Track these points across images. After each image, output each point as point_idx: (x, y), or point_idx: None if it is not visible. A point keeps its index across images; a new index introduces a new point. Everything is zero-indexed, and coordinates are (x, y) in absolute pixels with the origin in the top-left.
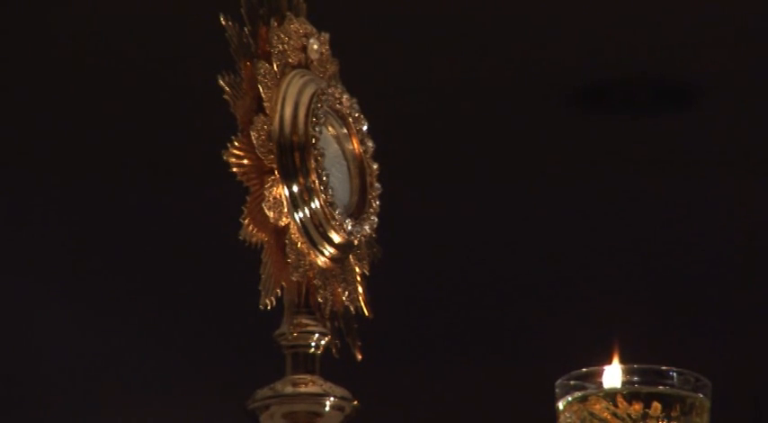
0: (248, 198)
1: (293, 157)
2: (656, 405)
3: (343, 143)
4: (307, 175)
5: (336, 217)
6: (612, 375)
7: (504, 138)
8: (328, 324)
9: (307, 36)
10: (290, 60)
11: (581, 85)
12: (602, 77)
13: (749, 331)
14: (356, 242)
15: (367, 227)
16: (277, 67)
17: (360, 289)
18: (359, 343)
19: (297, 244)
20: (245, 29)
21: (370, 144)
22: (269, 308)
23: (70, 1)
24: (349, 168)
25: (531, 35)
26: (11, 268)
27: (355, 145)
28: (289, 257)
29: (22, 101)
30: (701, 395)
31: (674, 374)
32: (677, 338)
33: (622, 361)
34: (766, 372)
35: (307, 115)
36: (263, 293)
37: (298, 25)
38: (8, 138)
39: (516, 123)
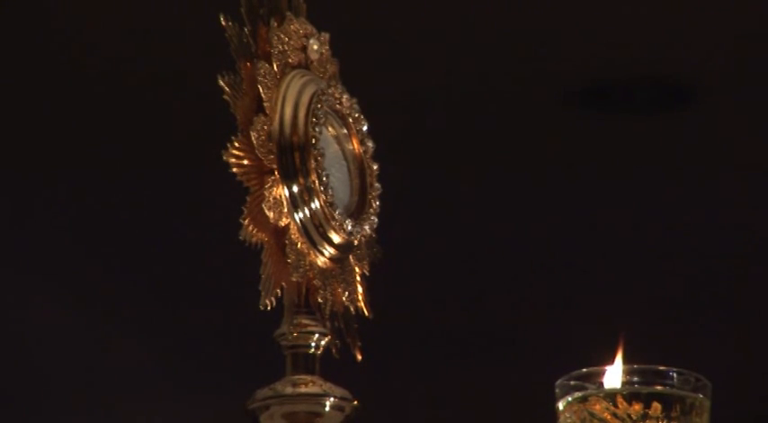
0: (248, 198)
1: (293, 157)
2: (656, 405)
3: (344, 143)
4: (307, 175)
5: (336, 217)
6: (613, 375)
7: (503, 137)
8: (328, 324)
9: (307, 36)
10: (290, 60)
11: (581, 85)
12: (602, 77)
13: (749, 331)
14: (356, 242)
15: (367, 227)
16: (277, 67)
17: (360, 289)
18: (359, 343)
19: (297, 244)
20: (245, 29)
21: (370, 144)
22: (269, 308)
23: (71, 1)
24: (349, 169)
25: (531, 35)
26: (10, 267)
27: (355, 145)
28: (289, 258)
29: (23, 101)
30: (701, 395)
31: (674, 375)
32: (677, 338)
33: (625, 361)
34: (766, 372)
35: (307, 115)
36: (263, 294)
37: (298, 25)
38: (8, 137)
39: (516, 123)
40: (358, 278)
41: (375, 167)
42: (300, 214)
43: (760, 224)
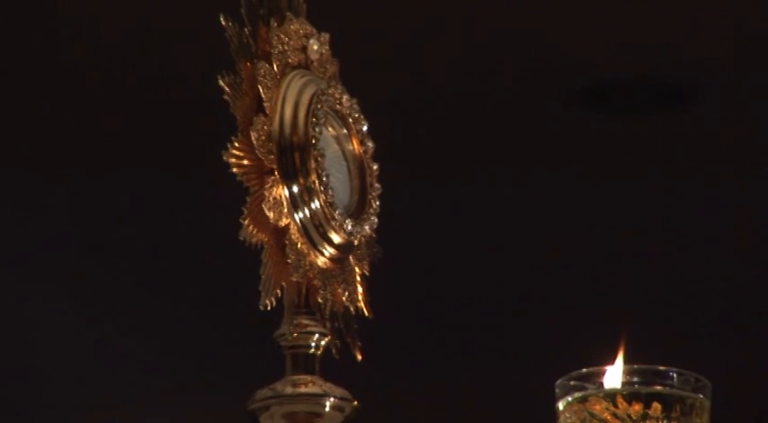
0: (248, 198)
1: (293, 157)
2: (656, 405)
3: (344, 143)
4: (307, 175)
5: (336, 217)
6: (613, 375)
7: (503, 137)
8: (328, 324)
9: (307, 36)
10: (290, 61)
11: (581, 85)
12: (602, 77)
13: (749, 331)
14: (356, 242)
15: (367, 227)
16: (277, 67)
17: (360, 289)
18: (359, 343)
19: (297, 244)
20: (245, 29)
21: (370, 144)
22: (269, 308)
23: (71, 1)
24: (349, 169)
25: (531, 35)
26: (10, 267)
27: (355, 145)
28: (289, 258)
29: (23, 101)
30: (701, 395)
31: (674, 375)
32: (677, 338)
33: (625, 361)
34: (766, 372)
35: (307, 116)
36: (263, 294)
37: (298, 25)
38: (8, 137)
39: (516, 123)
40: (358, 278)
41: (375, 167)
42: (300, 214)
43: (760, 224)
